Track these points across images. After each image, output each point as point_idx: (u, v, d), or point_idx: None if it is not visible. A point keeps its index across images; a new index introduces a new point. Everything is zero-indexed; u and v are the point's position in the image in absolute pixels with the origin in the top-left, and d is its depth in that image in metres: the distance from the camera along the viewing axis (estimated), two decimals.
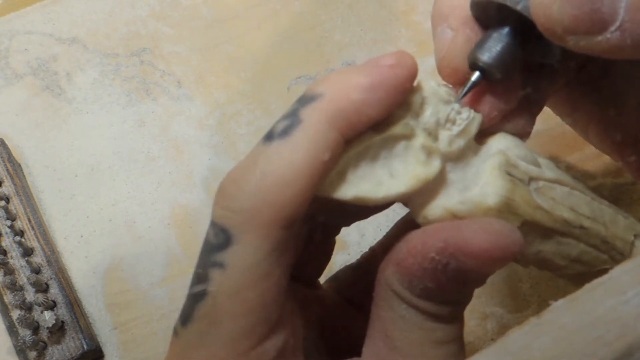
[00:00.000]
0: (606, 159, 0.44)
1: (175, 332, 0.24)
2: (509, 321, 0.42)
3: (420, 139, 0.24)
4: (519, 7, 0.23)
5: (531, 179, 0.25)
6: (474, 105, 0.25)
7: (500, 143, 0.25)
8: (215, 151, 0.49)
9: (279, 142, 0.22)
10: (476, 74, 0.25)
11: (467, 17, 0.26)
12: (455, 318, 0.24)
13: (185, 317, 0.24)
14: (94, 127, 0.50)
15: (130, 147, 0.49)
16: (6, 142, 0.49)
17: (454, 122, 0.24)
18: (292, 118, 0.23)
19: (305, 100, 0.23)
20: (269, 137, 0.23)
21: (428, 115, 0.24)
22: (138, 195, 0.48)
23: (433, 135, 0.24)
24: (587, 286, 0.19)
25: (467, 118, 0.24)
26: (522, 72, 0.27)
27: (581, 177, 0.46)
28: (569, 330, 0.19)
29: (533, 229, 0.24)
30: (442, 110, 0.24)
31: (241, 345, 0.23)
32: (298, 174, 0.21)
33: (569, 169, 0.46)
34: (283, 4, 0.55)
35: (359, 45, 0.53)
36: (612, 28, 0.21)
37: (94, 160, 0.49)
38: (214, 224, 0.23)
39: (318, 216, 0.27)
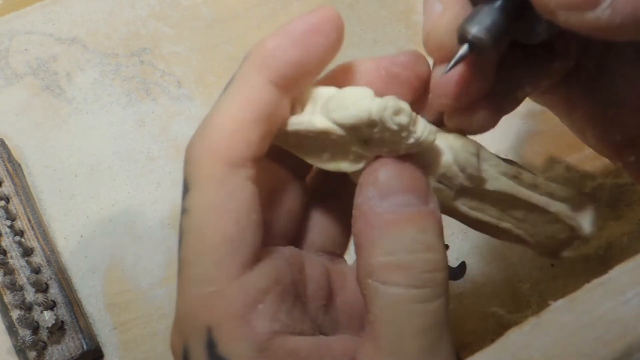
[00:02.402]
0: (606, 160, 0.44)
1: None
2: (509, 321, 0.42)
3: (354, 148, 0.26)
4: None
5: (460, 191, 0.27)
6: (456, 79, 0.26)
7: (449, 147, 0.27)
8: None
9: (219, 97, 0.25)
10: (464, 47, 0.25)
11: None
12: (433, 297, 0.24)
13: (178, 266, 0.26)
14: (94, 127, 0.50)
15: (130, 147, 0.49)
16: (6, 142, 0.49)
17: (408, 135, 0.25)
18: (232, 78, 0.26)
19: (242, 61, 0.26)
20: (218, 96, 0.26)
21: (375, 132, 0.25)
22: (138, 195, 0.48)
23: (369, 142, 0.25)
24: (587, 286, 0.19)
25: (419, 138, 0.25)
26: (503, 68, 0.27)
27: (581, 177, 0.46)
28: (568, 330, 0.19)
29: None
30: (393, 129, 0.25)
31: (215, 282, 0.24)
32: (230, 118, 0.24)
33: (569, 169, 0.46)
34: (283, 4, 0.55)
35: (359, 45, 0.53)
36: (604, 5, 0.21)
37: (94, 160, 0.49)
38: (183, 179, 0.26)
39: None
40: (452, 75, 0.26)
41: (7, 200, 0.45)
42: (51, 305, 0.42)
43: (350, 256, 0.37)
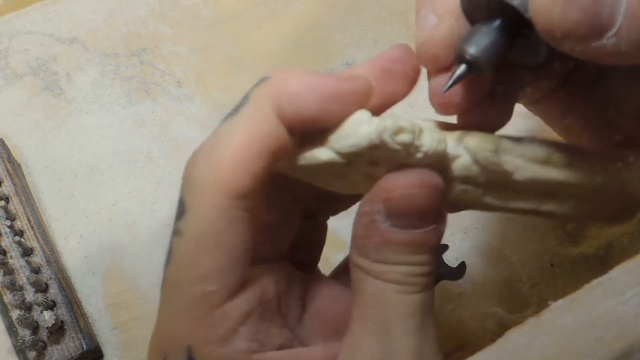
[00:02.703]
0: None
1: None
2: (509, 321, 0.42)
3: (364, 169, 0.25)
4: (515, 3, 0.23)
5: (487, 187, 0.27)
6: (454, 92, 0.26)
7: (465, 148, 0.26)
8: None
9: (227, 120, 0.25)
10: (462, 67, 0.24)
11: (454, 6, 0.26)
12: (419, 290, 0.25)
13: (161, 284, 0.26)
14: (94, 127, 0.50)
15: (130, 147, 0.49)
16: (6, 142, 0.49)
17: (415, 153, 0.25)
18: (244, 99, 0.25)
19: (257, 82, 0.26)
20: (226, 115, 0.25)
21: (380, 153, 0.25)
22: (138, 195, 0.48)
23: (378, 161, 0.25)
24: (587, 286, 0.19)
25: (427, 151, 0.25)
26: (502, 70, 0.27)
27: None
28: (568, 330, 0.19)
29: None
30: (400, 146, 0.24)
31: (199, 308, 0.25)
32: (237, 148, 0.24)
33: None
34: (283, 4, 0.55)
35: (359, 45, 0.53)
36: (609, 34, 0.21)
37: (94, 160, 0.49)
38: (179, 197, 0.25)
39: (302, 201, 0.30)
40: (450, 91, 0.26)
41: (7, 200, 0.45)
42: (51, 305, 0.42)
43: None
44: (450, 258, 0.44)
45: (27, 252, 0.43)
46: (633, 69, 0.29)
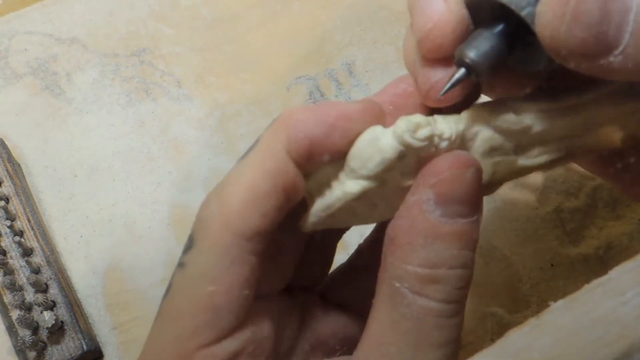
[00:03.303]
0: None
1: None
2: (509, 321, 0.42)
3: (398, 182, 0.25)
4: (523, 14, 0.23)
5: (516, 150, 0.26)
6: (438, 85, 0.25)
7: (483, 122, 0.26)
8: (215, 151, 0.49)
9: (239, 161, 0.25)
10: (461, 71, 0.24)
11: None
12: (457, 312, 0.24)
13: (156, 315, 0.26)
14: (94, 127, 0.50)
15: (130, 147, 0.49)
16: (6, 142, 0.49)
17: (440, 142, 0.24)
18: (255, 141, 0.25)
19: (269, 125, 0.25)
20: (239, 158, 0.25)
21: (408, 160, 0.24)
22: (138, 195, 0.48)
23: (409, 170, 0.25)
24: (587, 287, 0.19)
25: (450, 137, 0.24)
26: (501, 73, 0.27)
27: (581, 177, 0.46)
28: (568, 331, 0.19)
29: None
30: (424, 144, 0.24)
31: (187, 344, 0.24)
32: (246, 188, 0.24)
33: (568, 169, 0.46)
34: (283, 4, 0.55)
35: (359, 45, 0.53)
36: (616, 52, 0.21)
37: (94, 160, 0.49)
38: (189, 234, 0.25)
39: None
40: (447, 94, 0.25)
41: (7, 200, 0.45)
42: (51, 306, 0.42)
43: (350, 254, 0.37)
44: None
45: (27, 253, 0.43)
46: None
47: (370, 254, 0.29)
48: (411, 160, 0.24)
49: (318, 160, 0.25)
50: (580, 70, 0.22)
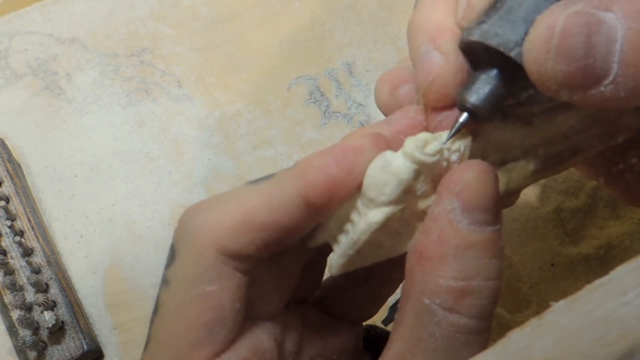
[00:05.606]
0: None
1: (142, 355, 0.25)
2: (509, 321, 0.42)
3: (417, 205, 0.25)
4: (512, 54, 0.23)
5: (525, 154, 0.27)
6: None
7: (486, 138, 0.26)
8: (215, 151, 0.49)
9: (246, 184, 0.25)
10: (464, 115, 0.25)
11: (456, 44, 0.25)
12: (487, 329, 0.24)
13: (147, 339, 0.25)
14: (94, 127, 0.50)
15: (130, 147, 0.49)
16: (6, 142, 0.49)
17: (450, 155, 0.25)
18: (269, 175, 0.25)
19: (289, 167, 0.25)
20: (247, 182, 0.25)
21: (423, 179, 0.24)
22: (138, 195, 0.48)
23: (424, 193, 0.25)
24: (588, 287, 0.19)
25: (459, 149, 0.25)
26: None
27: (581, 177, 0.46)
28: (569, 331, 0.19)
29: None
30: (433, 164, 0.24)
31: None
32: (245, 210, 0.23)
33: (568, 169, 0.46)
34: (283, 4, 0.55)
35: (359, 45, 0.53)
36: (606, 82, 0.21)
37: (94, 160, 0.49)
38: (171, 243, 0.25)
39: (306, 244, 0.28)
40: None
41: (7, 200, 0.45)
42: (51, 306, 0.42)
43: None
44: None
45: (27, 253, 0.43)
46: None
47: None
48: (426, 178, 0.24)
49: (337, 200, 0.24)
50: (573, 102, 0.22)
